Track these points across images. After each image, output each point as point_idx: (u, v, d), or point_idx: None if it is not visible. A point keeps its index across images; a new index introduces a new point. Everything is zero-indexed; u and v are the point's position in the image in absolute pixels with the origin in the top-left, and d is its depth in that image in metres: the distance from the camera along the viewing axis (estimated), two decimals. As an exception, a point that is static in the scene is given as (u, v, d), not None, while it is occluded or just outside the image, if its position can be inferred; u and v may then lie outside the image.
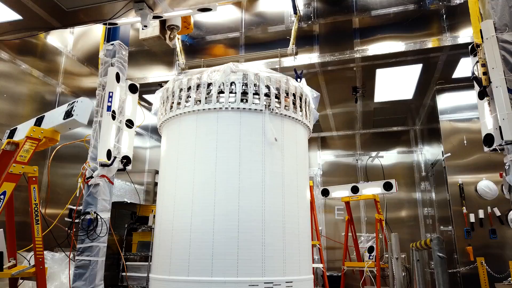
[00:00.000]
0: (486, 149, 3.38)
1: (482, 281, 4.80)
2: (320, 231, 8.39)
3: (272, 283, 3.38)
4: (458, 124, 6.22)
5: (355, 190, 6.53)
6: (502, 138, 3.15)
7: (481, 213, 5.63)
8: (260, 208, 3.52)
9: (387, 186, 6.23)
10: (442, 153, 6.23)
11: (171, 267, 3.53)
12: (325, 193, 6.87)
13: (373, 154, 8.73)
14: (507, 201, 5.35)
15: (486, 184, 5.74)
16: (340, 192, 6.75)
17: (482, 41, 3.44)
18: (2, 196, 2.92)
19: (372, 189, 6.43)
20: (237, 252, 3.37)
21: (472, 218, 5.66)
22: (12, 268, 3.09)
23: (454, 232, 5.80)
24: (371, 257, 6.17)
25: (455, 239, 5.76)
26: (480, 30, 3.48)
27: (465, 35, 5.37)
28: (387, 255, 6.07)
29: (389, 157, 8.66)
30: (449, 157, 6.07)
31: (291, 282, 3.50)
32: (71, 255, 3.79)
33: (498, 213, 5.56)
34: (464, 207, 5.75)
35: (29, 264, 3.20)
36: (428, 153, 7.92)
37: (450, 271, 5.14)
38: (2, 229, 3.19)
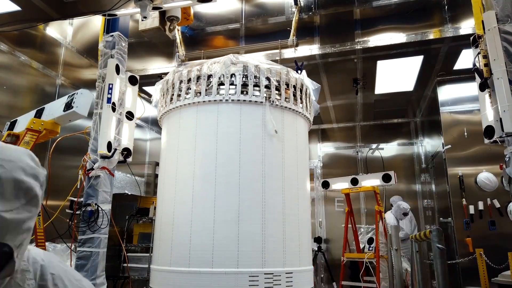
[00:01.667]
0: (486, 141, 3.38)
1: (481, 272, 4.83)
2: (319, 223, 8.44)
3: (272, 274, 3.40)
4: (459, 116, 6.20)
5: (354, 182, 6.51)
6: (502, 130, 3.14)
7: (480, 205, 5.65)
8: (260, 200, 3.53)
9: (386, 178, 6.21)
10: (443, 145, 6.23)
11: (172, 258, 3.56)
12: (326, 185, 6.87)
13: (374, 146, 8.73)
14: (506, 193, 5.36)
15: (486, 176, 5.75)
16: (340, 184, 6.74)
17: (484, 33, 3.41)
18: (3, 188, 2.93)
19: (371, 181, 6.41)
20: (237, 244, 3.39)
21: (471, 209, 5.68)
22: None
23: (454, 224, 5.82)
24: (370, 249, 6.15)
25: (455, 230, 5.79)
26: (482, 21, 3.45)
27: (466, 26, 5.33)
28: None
29: (389, 149, 8.66)
30: (449, 149, 6.07)
31: (291, 273, 3.53)
32: (72, 246, 3.81)
33: (497, 204, 5.58)
34: (463, 199, 5.77)
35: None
36: (428, 145, 7.92)
37: (449, 262, 5.17)
38: (3, 221, 3.20)
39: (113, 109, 3.86)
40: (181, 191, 3.70)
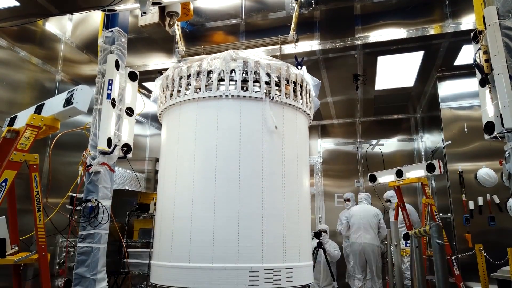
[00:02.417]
0: (486, 136, 3.38)
1: (480, 267, 4.84)
2: (319, 219, 8.45)
3: (272, 269, 3.42)
4: (459, 112, 6.20)
5: (399, 174, 6.02)
6: (503, 126, 3.14)
7: (480, 201, 5.66)
8: (260, 196, 3.54)
9: (430, 168, 5.60)
10: (443, 140, 6.23)
11: (172, 253, 3.57)
12: (373, 179, 6.45)
13: (374, 142, 8.73)
14: (506, 188, 5.37)
15: (486, 172, 5.75)
16: (386, 177, 6.31)
17: (485, 28, 3.40)
18: (3, 184, 2.94)
19: (415, 172, 5.88)
20: (238, 239, 3.40)
21: (471, 205, 5.69)
22: (15, 255, 3.12)
23: (453, 220, 5.84)
24: (407, 245, 5.61)
25: (454, 226, 5.80)
26: (483, 16, 3.44)
27: (467, 22, 5.32)
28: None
29: (390, 145, 8.66)
30: (450, 145, 6.07)
31: (291, 268, 3.54)
32: (72, 241, 3.82)
33: (497, 200, 5.60)
34: (463, 195, 5.78)
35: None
36: (429, 141, 7.92)
37: (448, 257, 5.19)
38: (4, 216, 3.21)
39: (113, 105, 3.86)
40: (181, 187, 3.71)
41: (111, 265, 5.70)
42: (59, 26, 5.55)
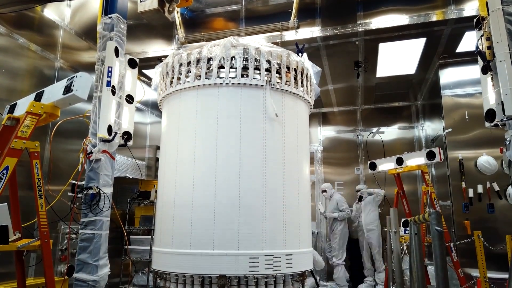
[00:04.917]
0: (487, 124, 3.37)
1: (478, 254, 4.89)
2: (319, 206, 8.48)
3: (273, 255, 3.45)
4: (460, 99, 6.17)
5: (399, 161, 6.06)
6: (504, 113, 3.13)
7: (480, 188, 5.68)
8: (260, 183, 3.55)
9: (430, 155, 5.64)
10: (443, 128, 6.22)
11: (173, 240, 3.60)
12: (373, 166, 6.49)
13: (374, 129, 8.72)
14: (506, 176, 5.39)
15: (486, 160, 5.75)
16: (386, 165, 6.35)
17: (488, 14, 3.36)
18: (5, 171, 2.94)
19: (415, 160, 5.92)
20: (238, 226, 3.43)
21: (470, 193, 5.71)
22: (17, 241, 3.15)
23: (453, 207, 5.87)
24: (407, 232, 5.57)
25: (453, 213, 5.83)
26: (486, 2, 3.40)
27: (470, 8, 5.26)
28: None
29: (390, 132, 8.65)
30: (450, 133, 6.06)
31: (291, 254, 3.57)
32: (74, 228, 3.85)
33: (496, 188, 5.61)
34: (463, 182, 5.79)
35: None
36: (429, 128, 7.91)
37: (447, 244, 5.24)
38: (6, 203, 3.23)
39: (113, 93, 3.84)
40: (182, 174, 3.72)
41: (113, 252, 5.76)
42: (57, 12, 5.49)
